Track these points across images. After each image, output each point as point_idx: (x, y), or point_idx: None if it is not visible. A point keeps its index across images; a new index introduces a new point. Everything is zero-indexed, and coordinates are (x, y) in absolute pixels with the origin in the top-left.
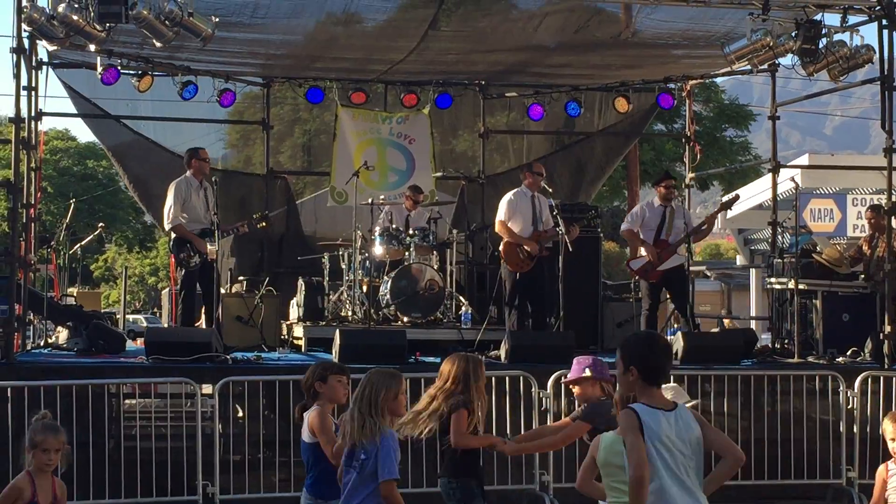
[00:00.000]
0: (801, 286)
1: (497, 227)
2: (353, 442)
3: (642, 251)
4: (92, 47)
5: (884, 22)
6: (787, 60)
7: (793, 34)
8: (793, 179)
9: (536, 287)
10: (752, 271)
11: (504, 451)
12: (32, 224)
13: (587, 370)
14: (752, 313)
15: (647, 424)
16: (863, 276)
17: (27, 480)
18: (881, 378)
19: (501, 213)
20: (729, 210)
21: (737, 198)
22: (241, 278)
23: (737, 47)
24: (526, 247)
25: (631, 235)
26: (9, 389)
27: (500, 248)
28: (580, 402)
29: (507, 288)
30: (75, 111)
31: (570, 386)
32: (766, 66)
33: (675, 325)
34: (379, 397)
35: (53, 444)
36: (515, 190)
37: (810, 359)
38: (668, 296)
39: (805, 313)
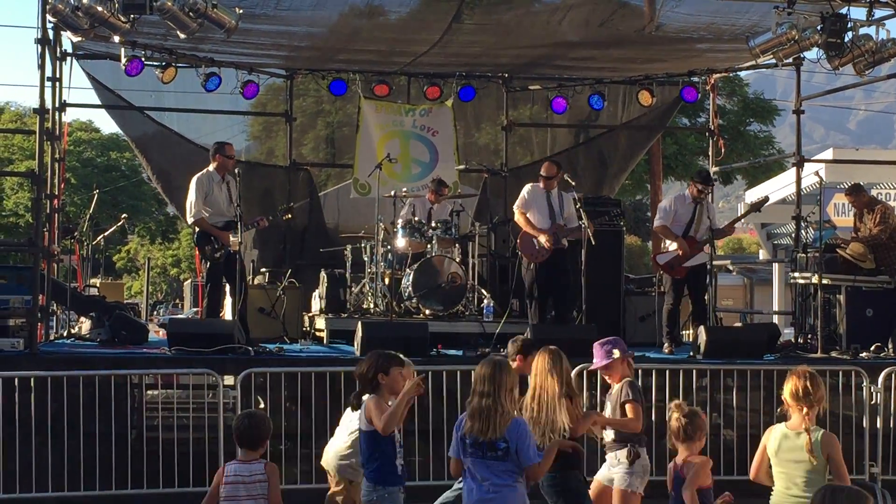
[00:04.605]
0: (824, 281)
1: (515, 216)
2: (493, 434)
3: (670, 246)
4: (116, 38)
5: None
6: (811, 54)
7: (818, 28)
8: (817, 174)
9: (558, 280)
10: (776, 266)
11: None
12: (56, 215)
13: (616, 351)
14: (775, 308)
15: None
16: (872, 257)
17: None
18: None
19: (518, 202)
20: (758, 211)
21: (766, 200)
22: (263, 270)
23: (761, 41)
24: (540, 238)
25: (665, 231)
26: (31, 380)
27: (518, 237)
28: (615, 382)
29: (527, 281)
30: (99, 102)
31: (603, 372)
32: (790, 60)
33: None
34: (505, 388)
35: None
36: (533, 183)
37: (833, 354)
38: (686, 293)
39: (828, 308)
